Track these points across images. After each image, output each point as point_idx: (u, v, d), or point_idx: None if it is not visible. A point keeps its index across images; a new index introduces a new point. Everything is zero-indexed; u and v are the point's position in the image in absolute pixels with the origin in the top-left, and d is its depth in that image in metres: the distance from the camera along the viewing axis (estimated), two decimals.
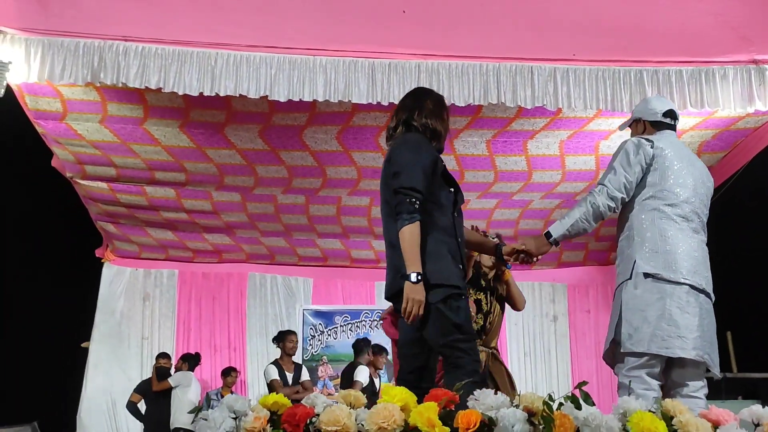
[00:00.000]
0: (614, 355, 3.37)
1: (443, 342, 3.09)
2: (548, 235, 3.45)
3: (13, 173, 9.14)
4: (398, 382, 3.29)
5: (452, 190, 3.30)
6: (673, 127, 3.65)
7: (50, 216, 9.65)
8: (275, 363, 7.51)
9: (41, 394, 9.69)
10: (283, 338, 7.62)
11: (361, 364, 7.78)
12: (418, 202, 3.07)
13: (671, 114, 3.65)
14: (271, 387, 7.12)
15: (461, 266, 3.23)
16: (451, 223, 3.24)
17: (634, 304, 3.27)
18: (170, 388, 8.22)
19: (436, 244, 3.11)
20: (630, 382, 3.20)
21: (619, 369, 3.32)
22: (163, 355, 8.67)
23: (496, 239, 4.15)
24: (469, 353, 3.08)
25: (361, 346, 8.03)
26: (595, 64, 4.95)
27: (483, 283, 4.68)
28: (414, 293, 2.98)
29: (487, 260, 4.66)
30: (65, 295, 9.68)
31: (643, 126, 3.68)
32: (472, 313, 4.44)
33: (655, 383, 3.24)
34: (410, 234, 3.03)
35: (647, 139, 3.47)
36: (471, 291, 4.56)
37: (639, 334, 3.22)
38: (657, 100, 3.84)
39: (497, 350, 4.79)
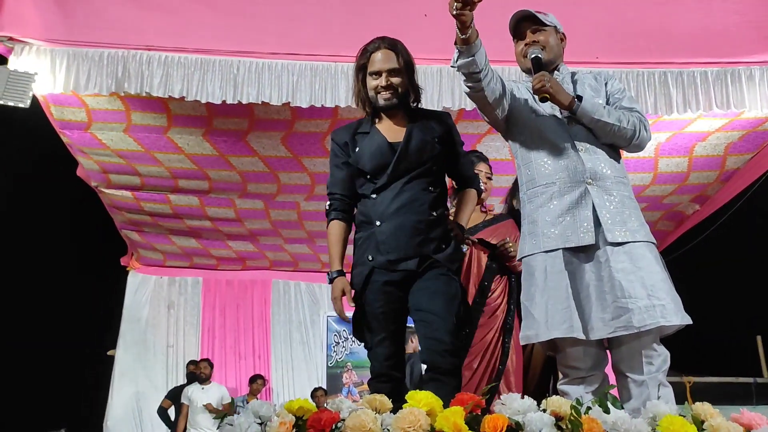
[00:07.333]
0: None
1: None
2: (579, 98, 2.71)
3: (38, 183, 9.25)
4: None
5: None
6: None
7: (75, 225, 9.74)
8: None
9: (69, 402, 9.79)
10: None
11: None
12: None
13: None
14: None
15: None
16: None
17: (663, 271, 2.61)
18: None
19: None
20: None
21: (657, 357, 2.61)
22: (190, 363, 8.68)
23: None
24: None
25: None
26: (619, 66, 4.92)
27: None
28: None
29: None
30: (91, 304, 9.77)
31: (561, 42, 2.95)
32: None
33: None
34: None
35: None
36: None
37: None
38: None
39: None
